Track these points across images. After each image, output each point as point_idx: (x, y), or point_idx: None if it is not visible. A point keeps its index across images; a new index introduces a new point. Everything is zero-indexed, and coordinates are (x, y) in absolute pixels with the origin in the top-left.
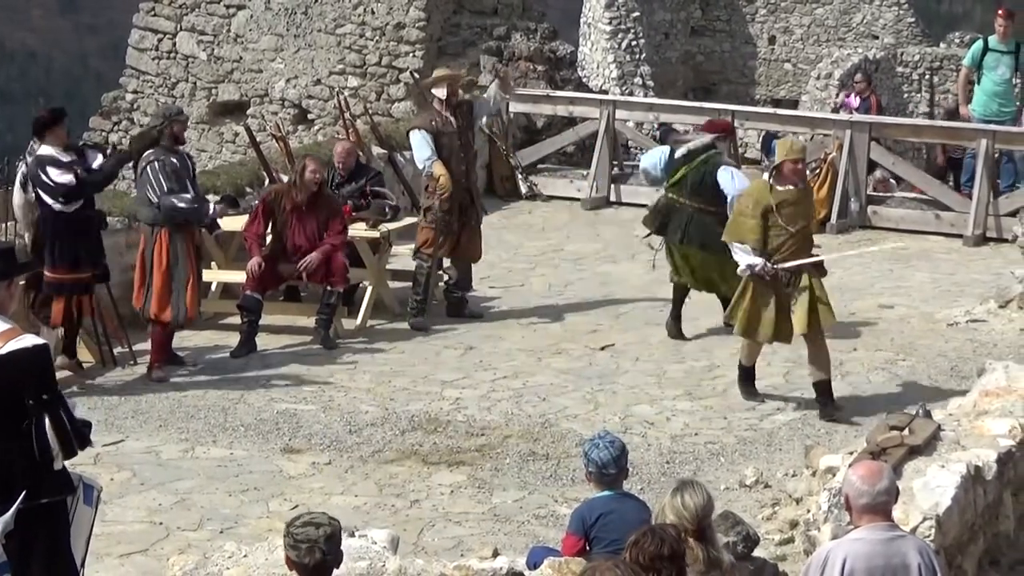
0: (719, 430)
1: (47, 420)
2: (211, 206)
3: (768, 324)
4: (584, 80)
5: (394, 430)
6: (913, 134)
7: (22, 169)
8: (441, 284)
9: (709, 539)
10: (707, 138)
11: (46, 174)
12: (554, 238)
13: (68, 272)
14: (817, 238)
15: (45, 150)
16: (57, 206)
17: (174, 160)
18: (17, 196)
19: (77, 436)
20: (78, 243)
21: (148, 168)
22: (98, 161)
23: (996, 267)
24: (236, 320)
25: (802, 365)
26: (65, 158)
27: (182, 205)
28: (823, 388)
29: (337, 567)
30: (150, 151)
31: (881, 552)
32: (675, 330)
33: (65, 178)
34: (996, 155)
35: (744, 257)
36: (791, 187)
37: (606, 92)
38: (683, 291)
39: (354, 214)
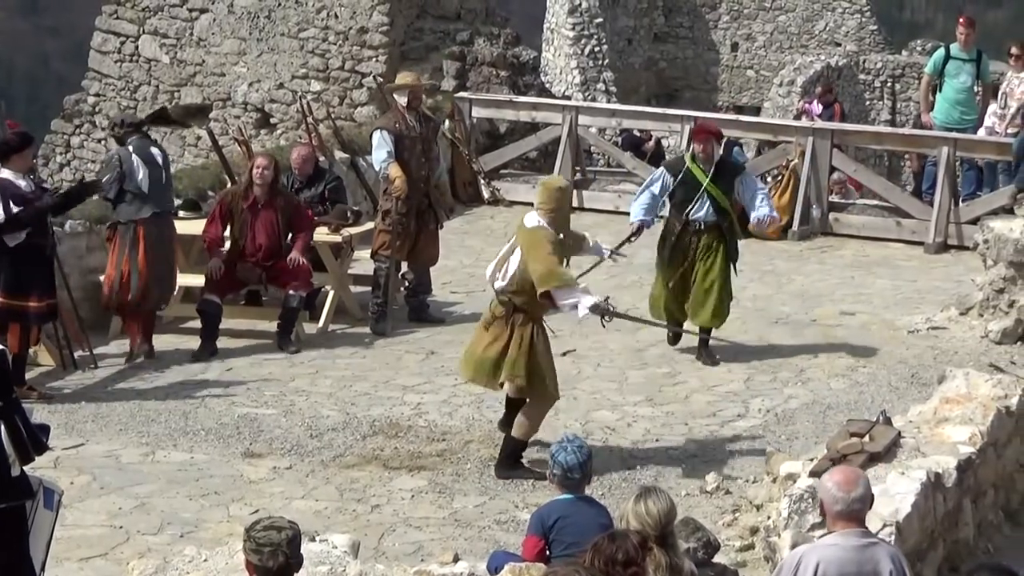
0: (680, 436)
1: (2, 426)
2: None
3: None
4: (547, 85)
5: (355, 435)
6: (875, 141)
7: None
8: (402, 289)
9: (671, 545)
10: None
11: None
12: None
13: (19, 299)
14: (779, 245)
15: (5, 174)
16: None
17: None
18: None
19: (33, 442)
20: (29, 272)
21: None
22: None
23: (957, 274)
24: (197, 324)
25: (763, 371)
26: (23, 187)
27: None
28: (514, 447)
29: (298, 571)
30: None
31: (854, 559)
32: None
33: (5, 213)
34: (957, 162)
35: None
36: None
37: (569, 97)
38: None
39: (315, 219)
